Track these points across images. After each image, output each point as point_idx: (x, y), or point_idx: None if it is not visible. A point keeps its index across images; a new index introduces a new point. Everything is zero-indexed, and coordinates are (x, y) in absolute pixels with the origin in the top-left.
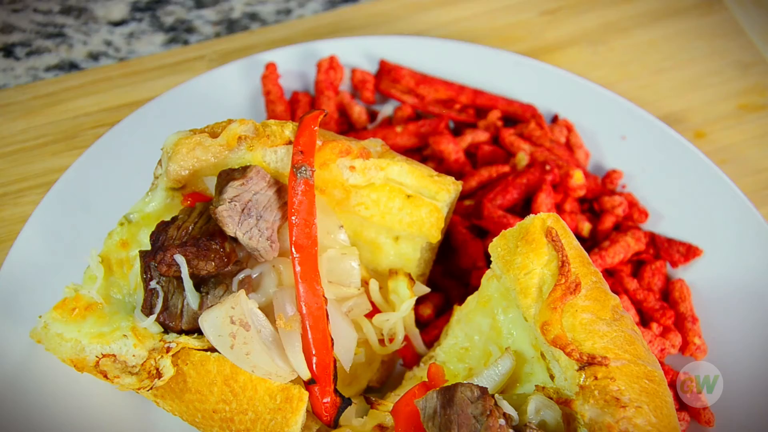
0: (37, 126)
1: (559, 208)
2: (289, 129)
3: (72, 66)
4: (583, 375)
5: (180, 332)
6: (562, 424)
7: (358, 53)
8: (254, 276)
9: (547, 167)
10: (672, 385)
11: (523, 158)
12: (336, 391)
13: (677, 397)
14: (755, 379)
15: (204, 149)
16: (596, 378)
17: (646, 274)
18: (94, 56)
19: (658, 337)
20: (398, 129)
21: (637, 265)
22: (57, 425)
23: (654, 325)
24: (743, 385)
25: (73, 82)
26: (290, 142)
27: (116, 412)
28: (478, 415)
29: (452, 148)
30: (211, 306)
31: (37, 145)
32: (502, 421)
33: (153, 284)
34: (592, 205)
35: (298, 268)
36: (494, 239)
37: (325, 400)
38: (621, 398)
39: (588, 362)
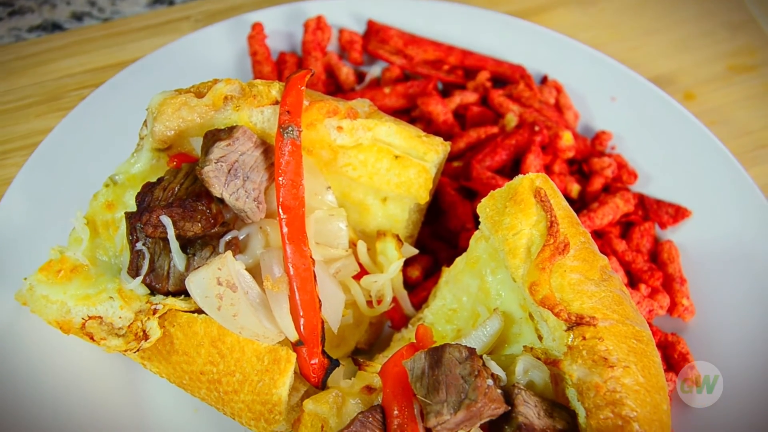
0: (20, 87)
1: (548, 170)
2: (275, 89)
3: (55, 26)
4: (571, 335)
5: (166, 294)
6: (550, 385)
7: (346, 13)
8: (241, 237)
9: (536, 128)
10: (660, 345)
11: (512, 119)
12: (324, 352)
13: (665, 358)
14: (743, 338)
15: (189, 109)
16: (584, 338)
17: (635, 235)
18: (78, 16)
19: (647, 298)
20: (386, 90)
21: (626, 227)
22: (43, 388)
23: (642, 287)
24: (731, 346)
25: (56, 42)
26: (277, 103)
27: (103, 374)
28: (466, 375)
29: (441, 109)
30: (198, 267)
31: (21, 106)
32: (490, 382)
33: (139, 246)
34: (581, 167)
35: (285, 230)
36: (483, 200)
37: (312, 362)
38: (609, 358)
39: (576, 322)
